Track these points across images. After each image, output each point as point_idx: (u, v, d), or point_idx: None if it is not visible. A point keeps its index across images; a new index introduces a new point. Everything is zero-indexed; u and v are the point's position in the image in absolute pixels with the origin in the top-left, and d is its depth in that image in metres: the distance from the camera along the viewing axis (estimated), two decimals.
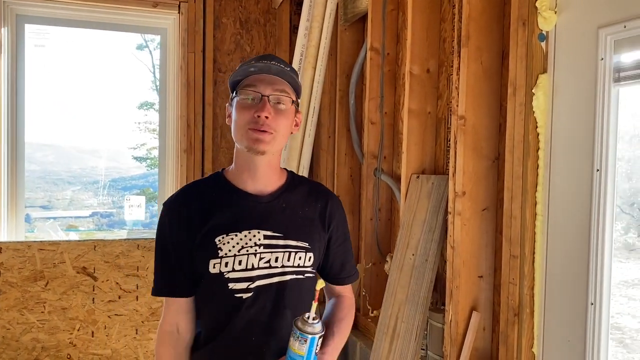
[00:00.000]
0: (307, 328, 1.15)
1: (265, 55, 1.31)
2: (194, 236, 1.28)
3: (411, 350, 1.99)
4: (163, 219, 1.33)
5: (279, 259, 1.29)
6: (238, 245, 1.26)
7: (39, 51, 2.84)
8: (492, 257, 1.86)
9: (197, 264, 1.28)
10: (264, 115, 1.22)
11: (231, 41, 3.18)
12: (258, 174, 1.31)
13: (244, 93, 1.26)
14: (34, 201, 8.82)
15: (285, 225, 1.31)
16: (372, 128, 2.60)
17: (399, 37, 2.55)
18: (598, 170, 1.38)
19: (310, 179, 1.49)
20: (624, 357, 1.73)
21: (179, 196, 1.35)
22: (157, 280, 1.33)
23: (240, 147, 1.29)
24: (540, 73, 1.55)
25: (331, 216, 1.40)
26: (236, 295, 1.26)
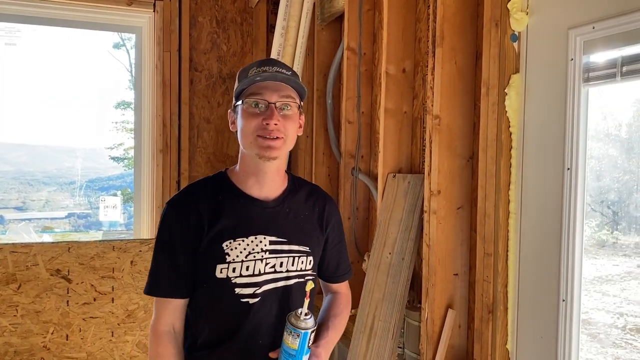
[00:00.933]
0: (300, 324, 1.20)
1: (267, 61, 1.33)
2: (201, 239, 1.28)
3: (388, 349, 2.00)
4: (169, 218, 1.32)
5: (283, 264, 1.33)
6: (245, 250, 1.28)
7: (10, 50, 2.79)
8: (467, 255, 1.88)
9: (202, 267, 1.29)
10: (273, 123, 1.25)
11: (207, 40, 3.15)
12: (266, 180, 1.33)
13: (251, 101, 1.28)
14: (7, 202, 8.66)
15: (289, 231, 1.35)
16: (349, 127, 2.61)
17: (376, 37, 2.56)
18: (569, 168, 1.40)
19: (308, 181, 1.51)
20: (598, 352, 1.76)
21: (186, 197, 1.35)
22: (158, 280, 1.32)
23: (248, 153, 1.30)
24: (513, 73, 1.57)
25: (328, 219, 1.44)
26: (242, 300, 1.28)
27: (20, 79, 8.13)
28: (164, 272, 1.31)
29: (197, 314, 1.33)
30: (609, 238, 1.88)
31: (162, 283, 1.31)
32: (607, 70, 1.32)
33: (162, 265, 1.32)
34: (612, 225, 1.80)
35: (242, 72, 1.34)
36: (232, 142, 3.25)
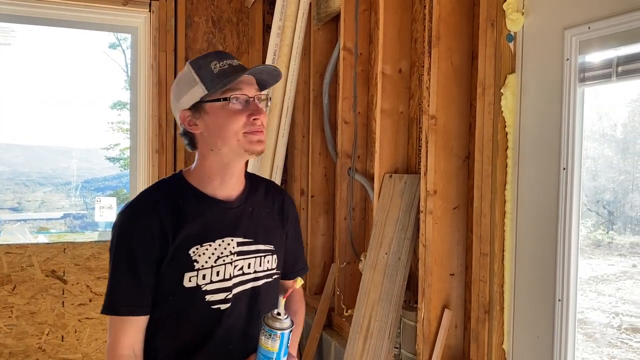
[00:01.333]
0: (277, 324, 1.15)
1: (224, 54, 1.27)
2: (165, 249, 1.20)
3: (384, 349, 2.00)
4: (127, 228, 1.22)
5: (251, 265, 1.29)
6: (214, 255, 1.23)
7: (5, 50, 2.78)
8: (463, 255, 1.88)
9: (167, 278, 1.21)
10: (261, 117, 1.21)
11: (203, 40, 3.14)
12: (232, 180, 1.28)
13: (233, 96, 1.20)
14: (3, 203, 8.62)
15: (254, 230, 1.30)
16: (345, 128, 2.61)
17: (372, 37, 2.56)
18: (564, 168, 1.40)
19: (262, 177, 1.47)
20: (593, 351, 1.76)
21: (145, 203, 1.25)
22: (118, 297, 1.21)
23: (228, 152, 1.23)
24: (509, 73, 1.57)
25: (287, 214, 1.41)
26: (213, 307, 1.23)
27: (15, 79, 8.10)
28: (125, 288, 1.21)
29: (157, 327, 1.24)
30: (604, 238, 1.89)
31: (123, 300, 1.21)
32: (603, 70, 1.32)
33: (122, 281, 1.21)
34: (607, 225, 1.80)
35: (200, 68, 1.23)
36: None
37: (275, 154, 2.86)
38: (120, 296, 1.21)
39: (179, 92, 1.25)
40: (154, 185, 1.32)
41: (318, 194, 3.01)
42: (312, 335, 2.74)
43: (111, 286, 1.22)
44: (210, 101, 1.21)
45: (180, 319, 1.23)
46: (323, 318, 2.72)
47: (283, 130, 2.85)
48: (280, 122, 2.85)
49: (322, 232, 3.03)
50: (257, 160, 2.86)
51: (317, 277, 3.02)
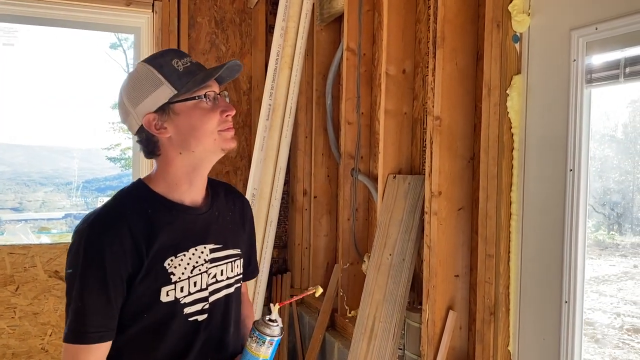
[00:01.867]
0: (269, 331, 1.12)
1: (181, 52, 1.21)
2: (140, 263, 1.10)
3: (389, 350, 1.99)
4: (97, 242, 1.09)
5: (223, 271, 1.25)
6: (189, 265, 1.17)
7: (8, 50, 2.76)
8: (468, 257, 1.87)
9: (141, 295, 1.11)
10: (233, 113, 1.18)
11: (206, 41, 3.14)
12: (200, 183, 1.22)
13: (204, 94, 1.14)
14: (4, 203, 8.62)
15: (223, 235, 1.26)
16: (349, 128, 2.60)
17: (375, 37, 2.55)
18: (571, 170, 1.40)
19: (218, 180, 1.39)
20: (595, 352, 1.76)
21: (114, 215, 1.14)
22: (86, 322, 1.08)
23: (202, 152, 1.17)
24: (515, 74, 1.57)
25: (245, 216, 1.38)
26: (190, 319, 1.17)
27: (17, 79, 8.11)
28: (96, 310, 1.08)
29: (128, 347, 1.15)
30: (606, 238, 1.89)
31: (93, 325, 1.08)
32: (610, 71, 1.32)
33: (92, 303, 1.08)
34: (608, 226, 1.80)
35: (161, 66, 1.14)
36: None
37: (278, 154, 2.86)
38: (89, 320, 1.08)
39: (137, 95, 1.15)
40: (119, 195, 1.20)
41: (321, 195, 3.01)
42: (315, 336, 2.74)
43: (77, 310, 1.08)
44: (181, 101, 1.14)
45: (157, 335, 1.15)
46: (326, 319, 2.72)
47: (286, 131, 2.85)
48: (283, 122, 2.85)
49: (324, 233, 3.03)
50: (260, 161, 2.86)
51: (320, 277, 3.02)
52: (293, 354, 3.13)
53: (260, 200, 2.83)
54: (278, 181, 2.86)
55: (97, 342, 1.08)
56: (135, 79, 1.16)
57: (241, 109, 3.24)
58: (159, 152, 1.18)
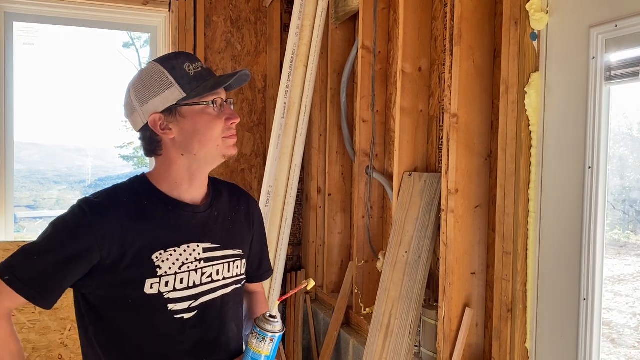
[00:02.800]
0: (270, 327, 1.12)
1: (192, 56, 1.22)
2: (124, 253, 1.12)
3: (405, 347, 2.00)
4: (80, 219, 1.12)
5: (220, 271, 1.25)
6: (178, 261, 1.17)
7: (28, 49, 2.81)
8: (484, 254, 1.88)
9: (125, 285, 1.13)
10: (237, 121, 1.21)
11: (222, 40, 3.17)
12: (200, 184, 1.24)
13: (210, 101, 1.17)
14: (19, 201, 8.75)
15: (221, 235, 1.27)
16: (363, 126, 2.61)
17: (390, 35, 2.56)
18: (590, 167, 1.40)
19: (223, 180, 1.41)
20: (610, 352, 1.76)
21: (106, 202, 1.16)
22: (22, 268, 1.09)
23: (203, 157, 1.19)
24: (533, 72, 1.57)
25: (253, 216, 1.39)
26: (176, 316, 1.17)
27: (34, 78, 8.20)
28: (44, 274, 1.09)
29: (117, 339, 1.17)
30: (621, 238, 1.88)
31: (26, 276, 1.09)
32: (630, 68, 1.32)
33: (45, 265, 1.10)
34: (624, 225, 1.80)
35: (173, 69, 1.16)
36: (247, 141, 3.26)
37: (293, 152, 2.87)
38: (35, 276, 1.09)
39: (146, 94, 1.16)
40: (118, 185, 1.23)
41: (335, 193, 3.02)
42: (330, 333, 2.76)
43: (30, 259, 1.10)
44: (189, 105, 1.16)
45: (146, 329, 1.16)
46: (341, 316, 2.74)
47: (301, 129, 2.87)
48: (298, 120, 2.87)
49: (339, 231, 3.04)
50: (276, 159, 2.88)
51: (334, 275, 3.04)
52: (308, 351, 3.15)
53: (276, 198, 2.85)
54: (293, 179, 2.88)
55: (20, 293, 1.08)
56: (146, 77, 1.18)
57: (256, 108, 3.27)
58: (160, 151, 1.20)
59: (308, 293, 3.16)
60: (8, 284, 1.08)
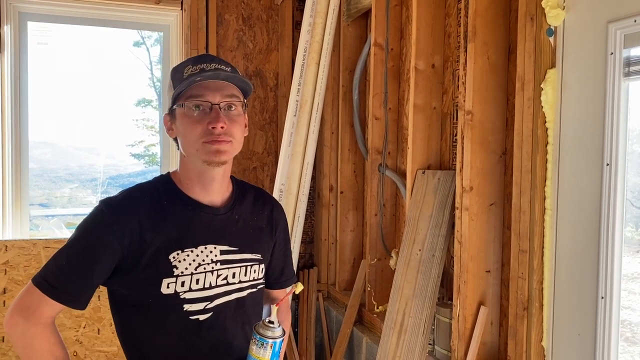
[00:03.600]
0: (269, 333, 1.12)
1: (204, 57, 1.22)
2: (143, 252, 1.14)
3: (419, 345, 2.00)
4: (101, 220, 1.15)
5: (236, 274, 1.24)
6: (195, 262, 1.18)
7: (42, 49, 2.83)
8: (499, 252, 1.87)
9: (143, 284, 1.15)
10: (220, 126, 1.15)
11: (234, 38, 3.17)
12: (213, 186, 1.23)
13: (191, 104, 1.16)
14: (32, 199, 8.80)
15: (240, 239, 1.26)
16: (376, 124, 2.61)
17: (403, 32, 2.55)
18: (608, 164, 1.39)
19: (251, 184, 1.41)
20: (624, 350, 1.74)
21: (127, 201, 1.19)
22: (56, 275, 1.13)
23: (194, 160, 1.20)
24: (549, 68, 1.56)
25: (276, 223, 1.37)
26: (192, 317, 1.17)
27: (48, 77, 8.27)
28: (74, 276, 1.13)
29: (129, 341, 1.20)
30: (634, 235, 1.86)
31: (59, 283, 1.12)
32: None
33: (74, 268, 1.14)
34: (637, 222, 1.78)
35: (175, 72, 1.21)
36: (259, 139, 3.27)
37: (305, 150, 2.87)
38: (66, 280, 1.13)
39: (164, 97, 1.27)
40: (141, 184, 1.26)
41: (347, 190, 3.02)
42: (343, 330, 2.75)
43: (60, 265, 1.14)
44: (178, 107, 1.18)
45: (162, 329, 1.17)
46: (354, 314, 2.73)
47: (313, 126, 2.87)
48: (310, 118, 2.86)
49: (351, 229, 3.04)
50: (288, 157, 2.88)
51: (346, 273, 3.03)
52: (320, 349, 3.16)
53: (288, 196, 2.86)
54: (306, 177, 2.88)
55: (62, 303, 1.12)
56: (165, 83, 1.26)
57: (268, 106, 3.27)
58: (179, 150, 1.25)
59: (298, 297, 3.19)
60: (44, 292, 1.12)
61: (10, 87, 2.89)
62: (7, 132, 2.89)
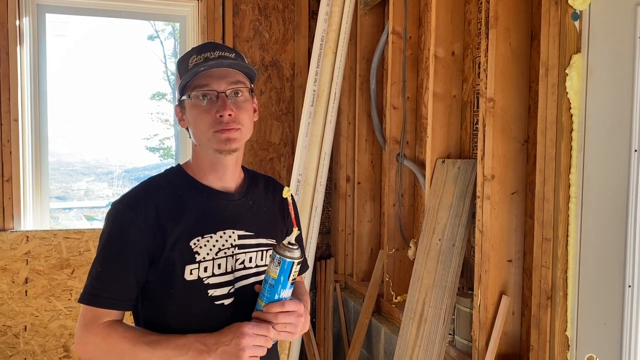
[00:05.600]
0: (282, 251, 1.11)
1: (207, 46, 1.23)
2: (164, 241, 1.15)
3: (439, 335, 1.99)
4: (121, 219, 1.16)
5: (252, 259, 1.25)
6: (215, 247, 1.19)
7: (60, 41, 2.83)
8: (521, 241, 1.84)
9: (165, 271, 1.16)
10: (227, 114, 1.16)
11: (250, 28, 3.16)
12: (227, 173, 1.25)
13: (198, 94, 1.18)
14: (50, 192, 8.91)
15: (256, 223, 1.28)
16: (394, 113, 2.58)
17: (421, 20, 2.52)
18: (636, 150, 1.35)
19: (260, 172, 1.43)
20: None
21: (142, 194, 1.21)
22: (101, 287, 1.14)
23: (206, 149, 1.22)
24: (574, 53, 1.52)
25: (287, 211, 1.38)
26: (216, 302, 1.19)
27: (62, 72, 8.34)
28: (112, 279, 1.15)
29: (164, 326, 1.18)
30: None
31: (106, 292, 1.14)
32: None
33: (109, 272, 1.15)
34: None
35: (181, 62, 1.23)
36: (275, 130, 3.26)
37: (322, 140, 2.86)
38: (105, 286, 1.14)
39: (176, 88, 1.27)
40: (153, 177, 1.27)
41: (364, 181, 3.00)
42: (361, 321, 2.75)
43: (95, 275, 1.15)
44: (186, 98, 1.20)
45: (188, 315, 1.18)
46: (372, 304, 2.73)
47: (330, 116, 2.85)
48: (327, 108, 2.85)
49: (368, 219, 3.03)
50: (305, 147, 2.87)
51: (364, 263, 3.03)
52: (338, 339, 3.16)
53: (306, 187, 2.85)
54: (323, 167, 2.87)
55: (109, 307, 1.14)
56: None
57: (284, 96, 3.26)
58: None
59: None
60: (89, 304, 1.15)
61: (29, 79, 2.92)
62: (27, 124, 2.91)
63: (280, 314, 1.13)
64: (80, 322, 1.16)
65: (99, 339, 1.13)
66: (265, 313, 1.13)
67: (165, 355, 1.11)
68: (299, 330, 1.18)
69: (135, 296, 1.18)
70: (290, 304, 1.15)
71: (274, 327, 1.12)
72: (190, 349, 1.10)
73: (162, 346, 1.11)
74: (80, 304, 1.16)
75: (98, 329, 1.13)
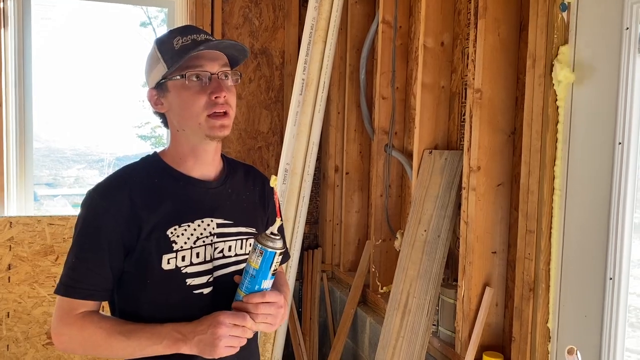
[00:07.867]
0: (264, 241, 1.10)
1: (190, 29, 1.20)
2: (139, 230, 1.13)
3: (423, 326, 1.99)
4: (95, 208, 1.14)
5: (232, 247, 1.23)
6: (193, 236, 1.17)
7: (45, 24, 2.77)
8: (506, 233, 1.84)
9: (142, 261, 1.14)
10: (223, 95, 1.14)
11: (239, 15, 3.12)
12: (207, 160, 1.23)
13: (191, 74, 1.14)
14: (39, 179, 8.84)
15: (235, 212, 1.25)
16: (383, 103, 2.57)
17: (412, 10, 2.50)
18: (620, 143, 1.35)
19: (240, 161, 1.40)
20: (629, 335, 1.73)
21: (116, 182, 1.18)
22: (77, 278, 1.12)
23: (190, 134, 1.18)
24: (562, 44, 1.52)
25: (268, 198, 1.36)
26: (195, 291, 1.17)
27: (52, 56, 8.22)
28: (87, 269, 1.13)
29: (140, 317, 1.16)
30: None
31: (82, 283, 1.12)
32: None
33: (84, 262, 1.13)
34: None
35: (163, 44, 1.18)
36: (264, 118, 3.23)
37: (311, 130, 2.84)
38: (80, 276, 1.12)
39: (146, 72, 1.22)
40: (127, 165, 1.24)
41: (353, 171, 2.99)
42: (347, 311, 2.75)
43: (70, 266, 1.13)
44: (171, 79, 1.16)
45: (162, 306, 1.16)
46: (358, 294, 2.73)
47: (319, 105, 2.83)
48: (316, 97, 2.83)
49: (356, 209, 3.02)
50: (293, 136, 2.85)
51: (351, 254, 3.02)
52: (324, 329, 3.16)
53: (293, 176, 2.83)
54: (311, 157, 2.85)
55: (84, 298, 1.13)
56: (147, 56, 1.23)
57: (274, 85, 3.23)
58: (167, 126, 1.24)
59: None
60: (65, 294, 1.13)
61: (14, 62, 2.87)
62: (11, 108, 2.87)
63: (260, 304, 1.11)
64: (56, 313, 1.14)
65: (75, 330, 1.12)
66: (246, 304, 1.12)
67: (140, 344, 1.10)
68: (278, 322, 1.17)
69: (111, 286, 1.16)
70: (271, 295, 1.13)
71: (254, 318, 1.11)
72: (165, 337, 1.10)
73: (137, 335, 1.10)
74: (56, 294, 1.14)
75: (73, 319, 1.12)
